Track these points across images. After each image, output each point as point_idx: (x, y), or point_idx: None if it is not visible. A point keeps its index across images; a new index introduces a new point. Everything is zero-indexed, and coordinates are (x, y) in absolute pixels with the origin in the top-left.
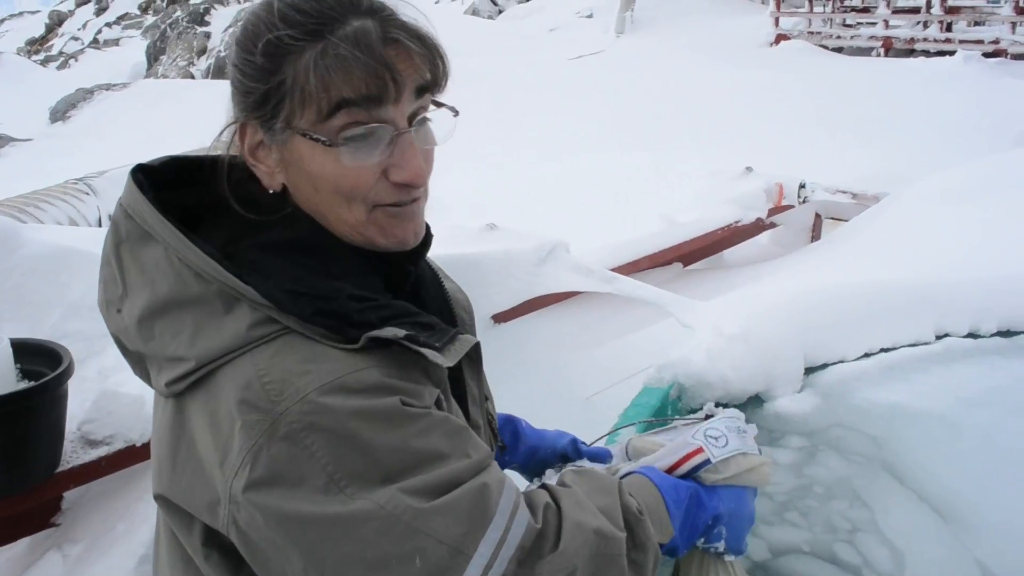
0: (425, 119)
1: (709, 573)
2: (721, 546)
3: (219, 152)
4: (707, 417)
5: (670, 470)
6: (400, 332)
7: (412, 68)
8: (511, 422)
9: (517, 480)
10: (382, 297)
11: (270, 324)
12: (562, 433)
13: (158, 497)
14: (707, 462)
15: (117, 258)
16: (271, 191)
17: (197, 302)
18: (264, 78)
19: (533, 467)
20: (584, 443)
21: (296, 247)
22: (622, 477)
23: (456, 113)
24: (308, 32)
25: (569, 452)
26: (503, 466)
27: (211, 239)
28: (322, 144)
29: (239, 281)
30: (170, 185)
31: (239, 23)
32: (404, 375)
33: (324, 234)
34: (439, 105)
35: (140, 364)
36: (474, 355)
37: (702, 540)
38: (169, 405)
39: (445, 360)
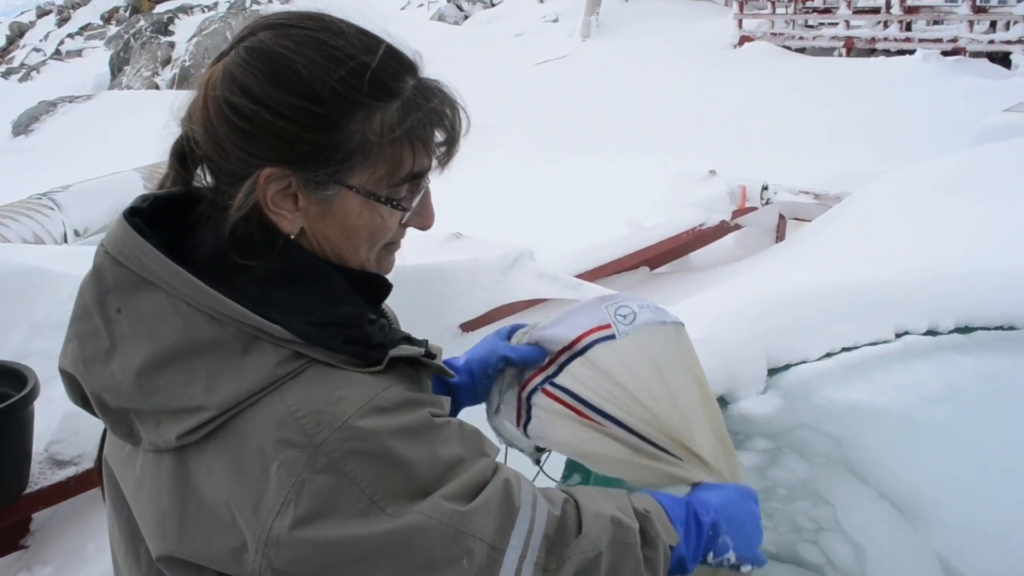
0: None
1: None
2: (732, 557)
3: (172, 186)
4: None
5: (571, 345)
6: (419, 350)
7: None
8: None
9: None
10: (371, 315)
11: (296, 359)
12: (491, 350)
13: (162, 558)
14: (611, 338)
15: (102, 311)
16: (291, 235)
17: (211, 347)
18: (323, 131)
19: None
20: (513, 348)
21: (294, 276)
22: None
23: None
24: (380, 89)
25: (502, 367)
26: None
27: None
28: (389, 206)
29: (264, 320)
30: (152, 225)
31: (262, 53)
32: (417, 388)
33: (314, 259)
34: None
35: (123, 421)
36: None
37: (711, 555)
38: (166, 460)
39: (450, 373)
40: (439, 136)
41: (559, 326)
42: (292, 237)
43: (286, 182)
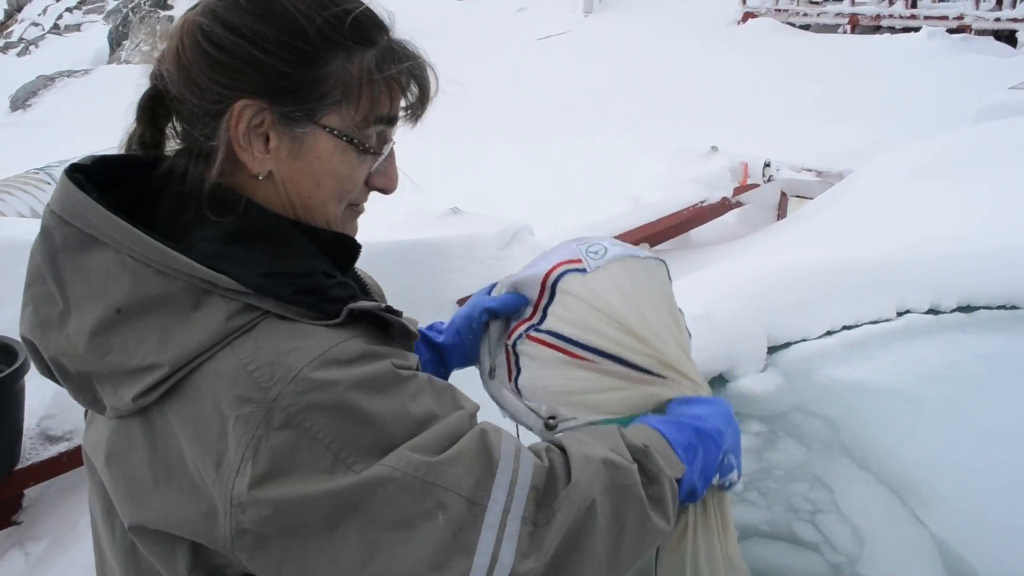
0: None
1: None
2: (735, 475)
3: (142, 150)
4: None
5: (544, 280)
6: (379, 304)
7: None
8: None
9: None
10: (335, 274)
11: (248, 312)
12: (474, 304)
13: (134, 528)
14: (582, 271)
15: (54, 271)
16: (259, 176)
17: (161, 303)
18: (304, 67)
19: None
20: (493, 299)
21: (253, 235)
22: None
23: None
24: (359, 34)
25: (486, 319)
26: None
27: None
28: (358, 148)
29: (212, 271)
30: (101, 186)
31: None
32: (380, 344)
33: (276, 219)
34: None
35: (85, 387)
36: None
37: (717, 476)
38: (134, 424)
39: (414, 332)
40: (413, 89)
41: (531, 267)
42: (260, 179)
43: (261, 117)
